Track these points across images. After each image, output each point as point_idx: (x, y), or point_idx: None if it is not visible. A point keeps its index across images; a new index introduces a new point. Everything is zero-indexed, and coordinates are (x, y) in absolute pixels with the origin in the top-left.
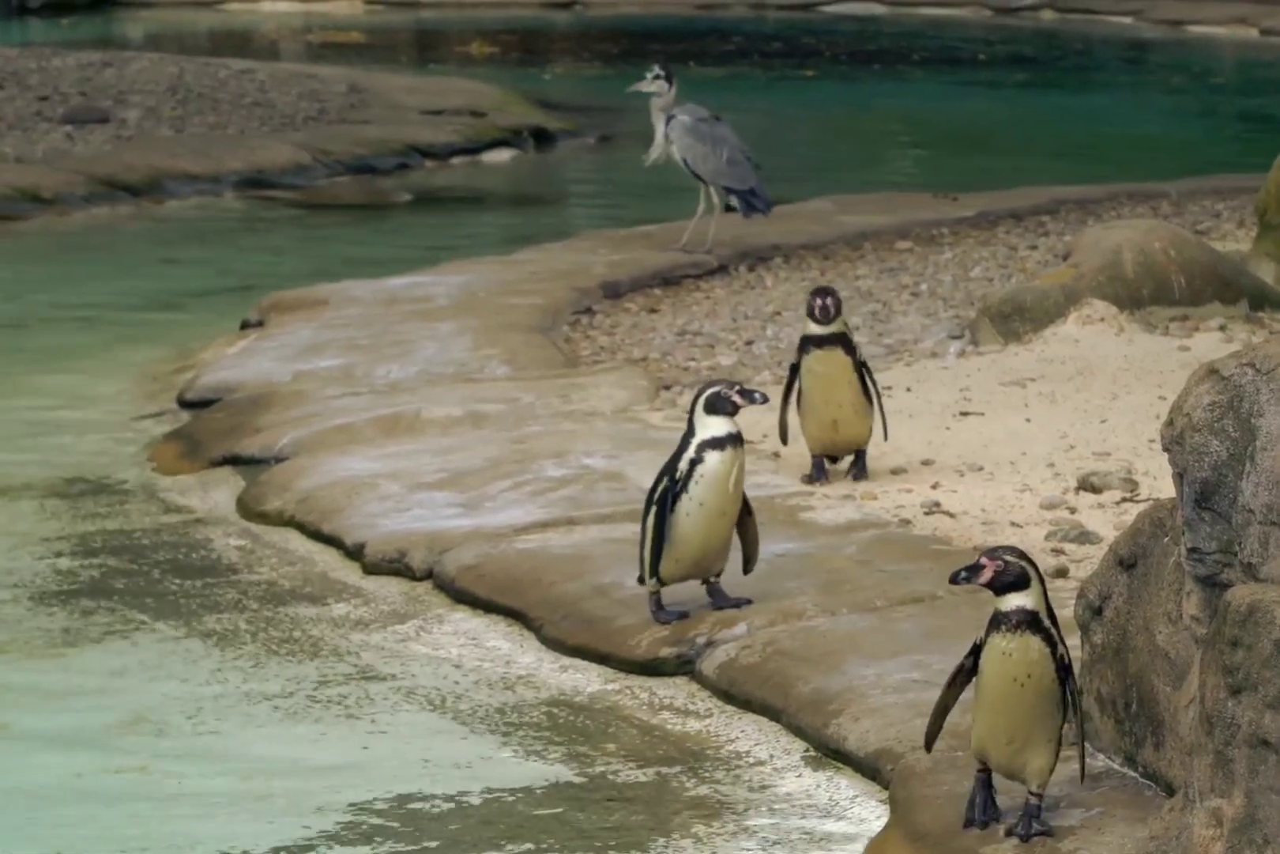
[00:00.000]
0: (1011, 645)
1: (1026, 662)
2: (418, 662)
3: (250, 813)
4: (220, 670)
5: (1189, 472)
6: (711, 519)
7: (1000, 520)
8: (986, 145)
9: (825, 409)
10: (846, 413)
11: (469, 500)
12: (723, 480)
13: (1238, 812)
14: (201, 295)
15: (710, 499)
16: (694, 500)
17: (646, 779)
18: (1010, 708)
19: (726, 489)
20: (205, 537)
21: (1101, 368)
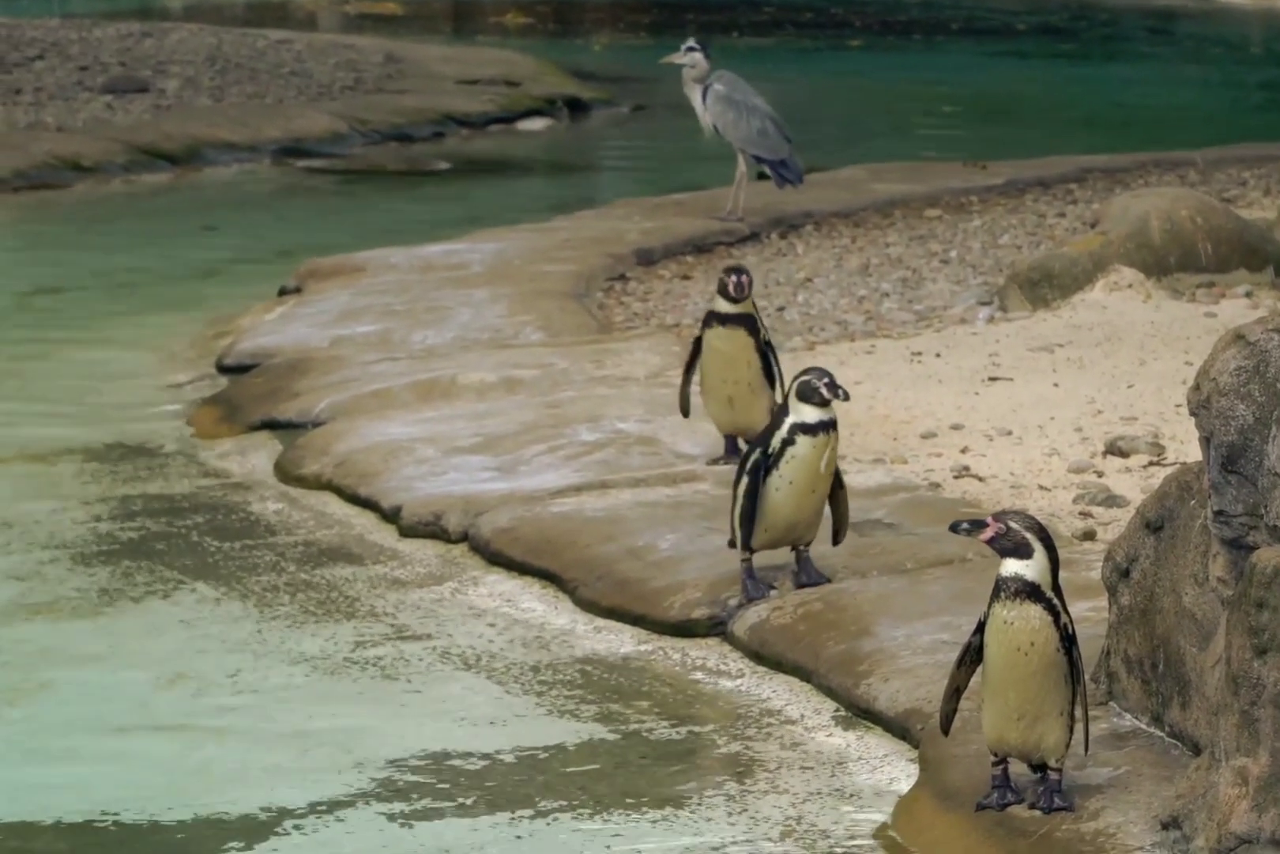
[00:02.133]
0: (1012, 614)
1: (1028, 630)
2: (453, 622)
3: (288, 770)
4: (259, 630)
5: (1215, 435)
6: (801, 496)
7: (1029, 484)
8: (1015, 115)
9: (722, 387)
10: (742, 391)
11: (504, 464)
12: (813, 463)
13: (1263, 770)
14: (239, 262)
15: (799, 479)
16: (784, 478)
17: (679, 737)
18: (1017, 680)
19: (817, 471)
20: (243, 500)
21: (1129, 334)
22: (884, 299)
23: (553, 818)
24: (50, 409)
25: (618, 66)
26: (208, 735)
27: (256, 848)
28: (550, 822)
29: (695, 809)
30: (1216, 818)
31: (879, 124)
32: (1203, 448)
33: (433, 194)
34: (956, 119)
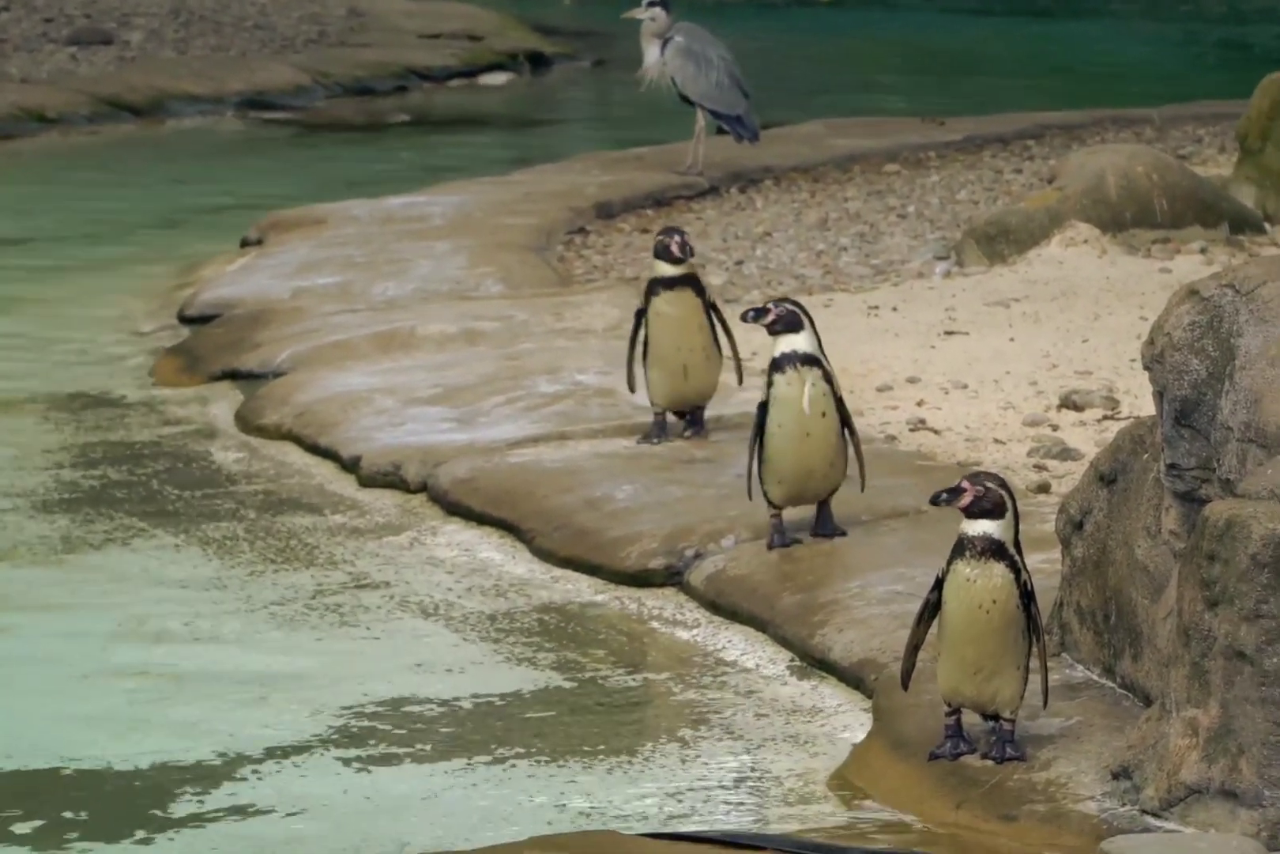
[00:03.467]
0: (975, 572)
1: (990, 587)
2: (411, 571)
3: (247, 716)
4: (218, 578)
5: (1169, 390)
6: (795, 441)
7: (984, 437)
8: (974, 71)
9: (675, 355)
10: (697, 358)
11: (463, 415)
12: (793, 403)
13: (1213, 722)
14: (202, 214)
15: (787, 422)
16: (774, 422)
17: (635, 685)
18: (977, 636)
19: (801, 411)
20: (204, 449)
21: (1084, 289)
22: (842, 253)
23: (509, 764)
24: (12, 358)
25: (581, 21)
26: (166, 682)
27: (214, 793)
28: (506, 768)
29: (650, 756)
30: (1166, 768)
31: (840, 80)
32: (1156, 402)
33: (394, 147)
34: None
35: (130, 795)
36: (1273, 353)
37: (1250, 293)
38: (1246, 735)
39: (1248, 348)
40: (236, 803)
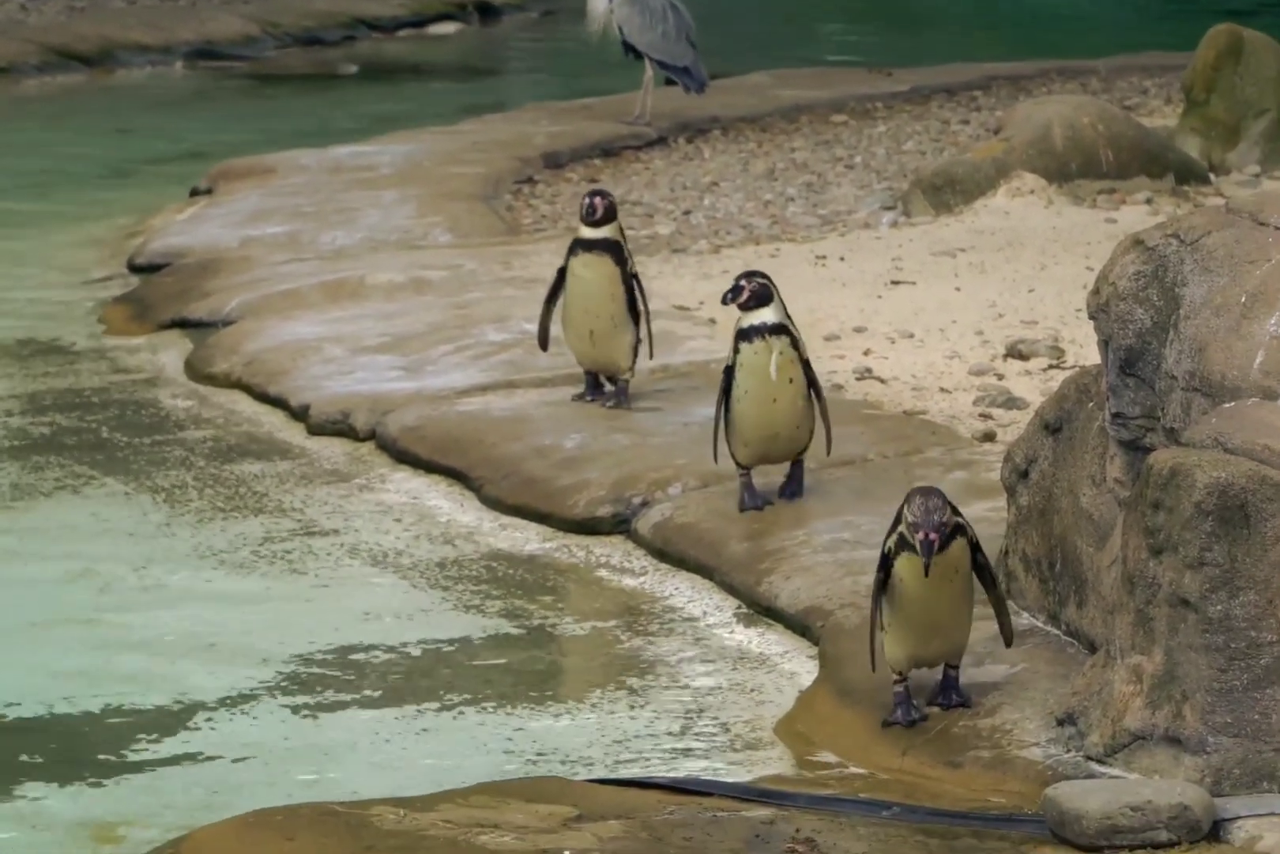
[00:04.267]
0: (936, 560)
1: (949, 565)
2: (360, 518)
3: (196, 663)
4: (168, 525)
5: (1114, 339)
6: (761, 405)
7: (929, 386)
8: (921, 22)
9: (583, 319)
10: (604, 326)
11: (411, 364)
12: (761, 370)
13: (1157, 668)
14: (152, 163)
15: (753, 388)
16: (740, 387)
17: (583, 633)
18: (939, 606)
19: (768, 378)
20: (154, 396)
21: (1030, 239)
22: (789, 203)
23: (457, 711)
24: None
25: None
26: (116, 629)
27: (165, 741)
28: (455, 715)
29: (598, 703)
30: (1111, 715)
31: (787, 30)
32: (1101, 351)
33: (343, 97)
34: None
35: (80, 742)
36: (1217, 302)
37: (1195, 243)
38: (1190, 682)
39: (1192, 297)
40: (186, 749)
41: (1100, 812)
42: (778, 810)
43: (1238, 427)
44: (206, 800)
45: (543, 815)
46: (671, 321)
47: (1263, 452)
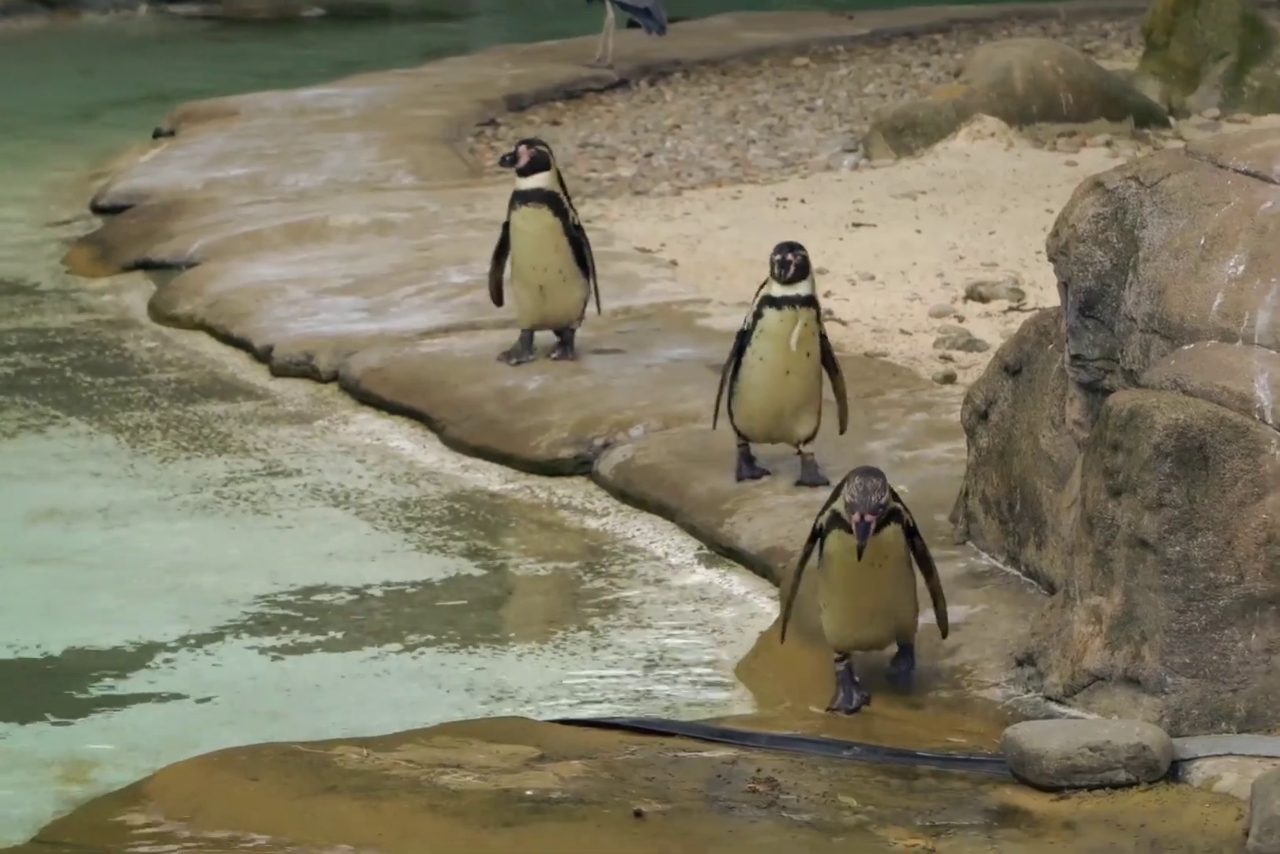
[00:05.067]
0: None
1: (879, 549)
2: (323, 459)
3: (160, 604)
4: (132, 466)
5: (1073, 281)
6: (774, 376)
7: (890, 328)
8: None
9: (531, 274)
10: (553, 279)
11: (374, 305)
12: (781, 340)
13: (1116, 609)
14: (116, 106)
15: (770, 355)
16: (755, 354)
17: (545, 573)
18: (871, 588)
19: (787, 348)
20: (117, 338)
21: (990, 181)
22: (750, 146)
23: (420, 652)
24: None
25: None
26: (79, 569)
27: (127, 680)
28: (417, 655)
29: (560, 644)
30: (1070, 655)
31: None
32: (1061, 293)
33: (306, 40)
34: None
35: (44, 680)
36: (1176, 245)
37: (1154, 185)
38: (1149, 623)
39: (1151, 240)
40: (150, 689)
41: (1059, 752)
42: (739, 751)
43: (1196, 369)
44: (170, 740)
45: (505, 755)
46: (633, 264)
47: (1221, 393)
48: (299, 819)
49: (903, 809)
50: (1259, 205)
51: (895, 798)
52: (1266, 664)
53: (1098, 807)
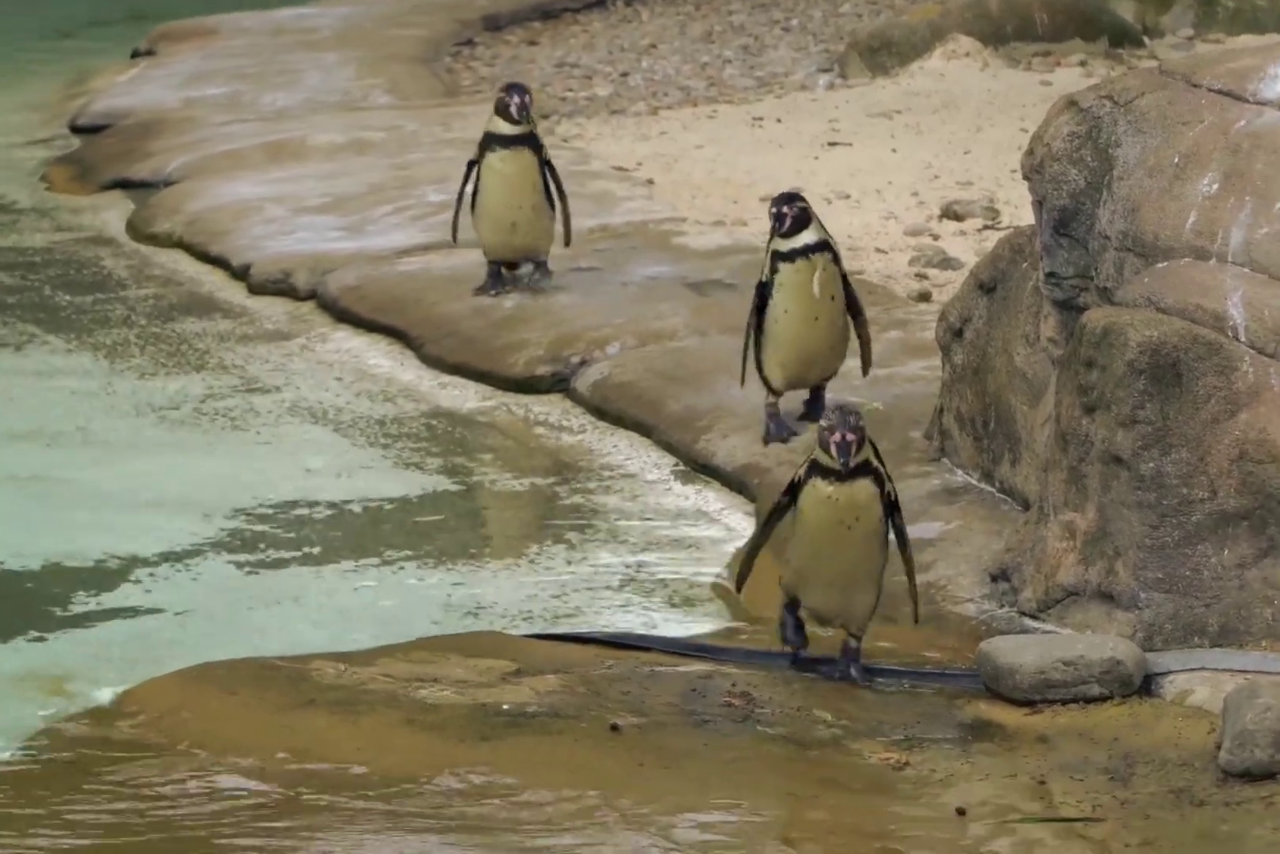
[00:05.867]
0: (838, 491)
1: (854, 506)
2: (301, 376)
3: (138, 520)
4: (110, 382)
5: (1048, 199)
6: (802, 324)
7: (866, 246)
8: None
9: (505, 211)
10: (526, 215)
11: (352, 224)
12: (803, 288)
13: (1090, 525)
14: (94, 26)
15: (794, 307)
16: (779, 307)
17: (521, 490)
18: (836, 553)
19: (810, 296)
20: (96, 256)
21: (965, 101)
22: (726, 65)
23: (397, 567)
24: None
25: None
26: (58, 486)
27: (106, 595)
28: (395, 571)
29: (536, 559)
30: (1044, 571)
31: None
32: (1035, 211)
33: None
34: None
35: (23, 596)
36: (1150, 163)
37: (1128, 104)
38: (1123, 539)
39: (1126, 158)
40: (128, 604)
41: (1034, 666)
42: (714, 665)
43: (1170, 286)
44: (149, 655)
45: (481, 670)
46: (610, 182)
47: (1195, 311)
48: (277, 733)
49: (877, 723)
50: (1232, 124)
51: (869, 712)
52: (1239, 579)
53: (1071, 721)
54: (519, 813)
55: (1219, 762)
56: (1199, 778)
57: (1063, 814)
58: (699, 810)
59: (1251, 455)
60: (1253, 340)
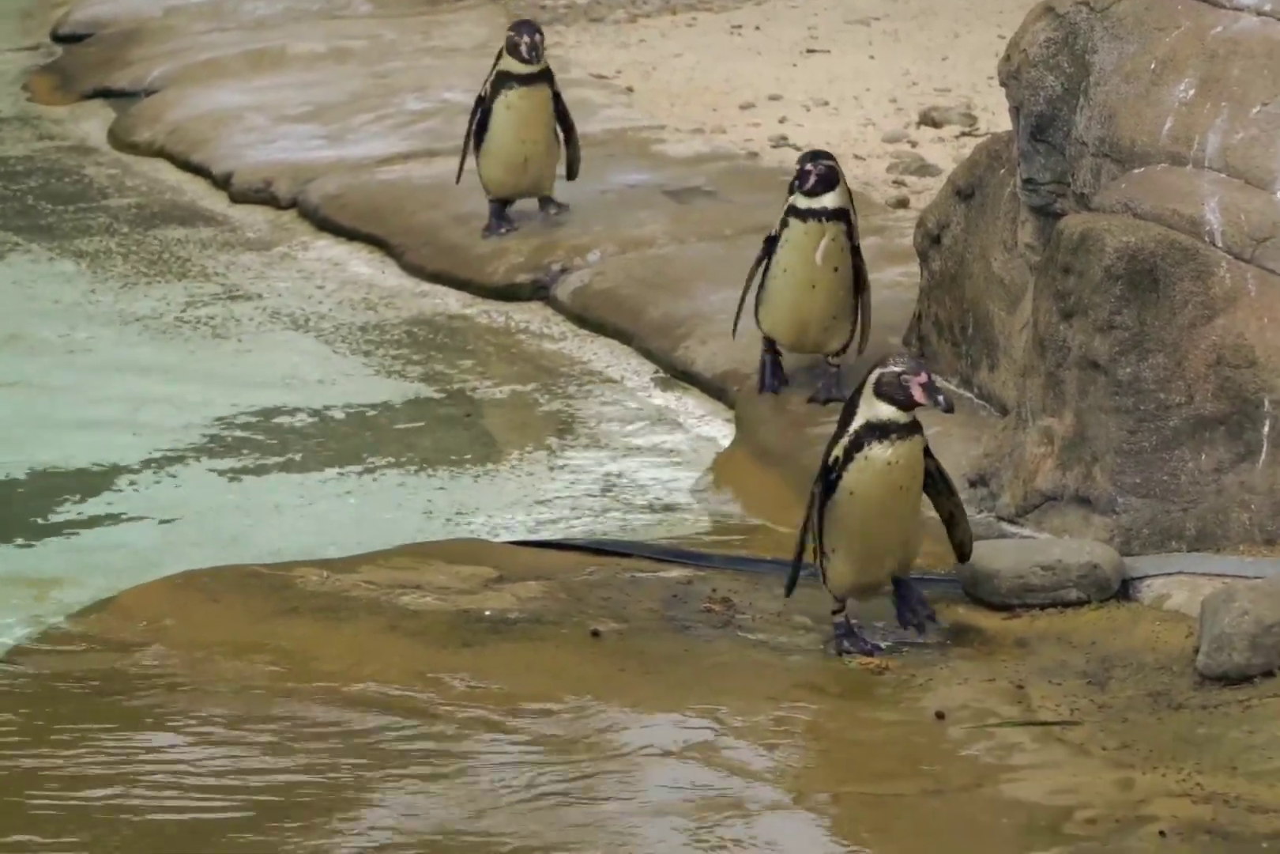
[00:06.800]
0: (894, 453)
1: (911, 463)
2: (282, 284)
3: (121, 428)
4: (93, 291)
5: (1025, 106)
6: (799, 289)
7: (844, 153)
8: None
9: (518, 147)
10: (539, 151)
11: (332, 132)
12: (806, 252)
13: (1068, 430)
14: None
15: (794, 268)
16: (779, 264)
17: (502, 396)
18: (893, 518)
19: (812, 262)
20: (77, 164)
21: (943, 7)
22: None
23: (379, 474)
24: None
25: None
26: (41, 393)
27: (90, 502)
28: (377, 477)
29: (517, 465)
30: (1022, 476)
31: None
32: (1013, 118)
33: None
34: None
35: (6, 504)
36: (1127, 69)
37: (1105, 10)
38: (1100, 444)
39: (1102, 64)
40: (112, 511)
41: (1012, 571)
42: (695, 571)
43: (1147, 192)
44: (133, 562)
45: (464, 576)
46: (588, 90)
47: (1171, 216)
48: (260, 640)
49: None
50: (1209, 30)
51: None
52: (1216, 484)
53: (1049, 625)
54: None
55: (1196, 665)
56: (1176, 682)
57: (1041, 718)
58: (679, 715)
59: (1228, 360)
60: (1229, 245)
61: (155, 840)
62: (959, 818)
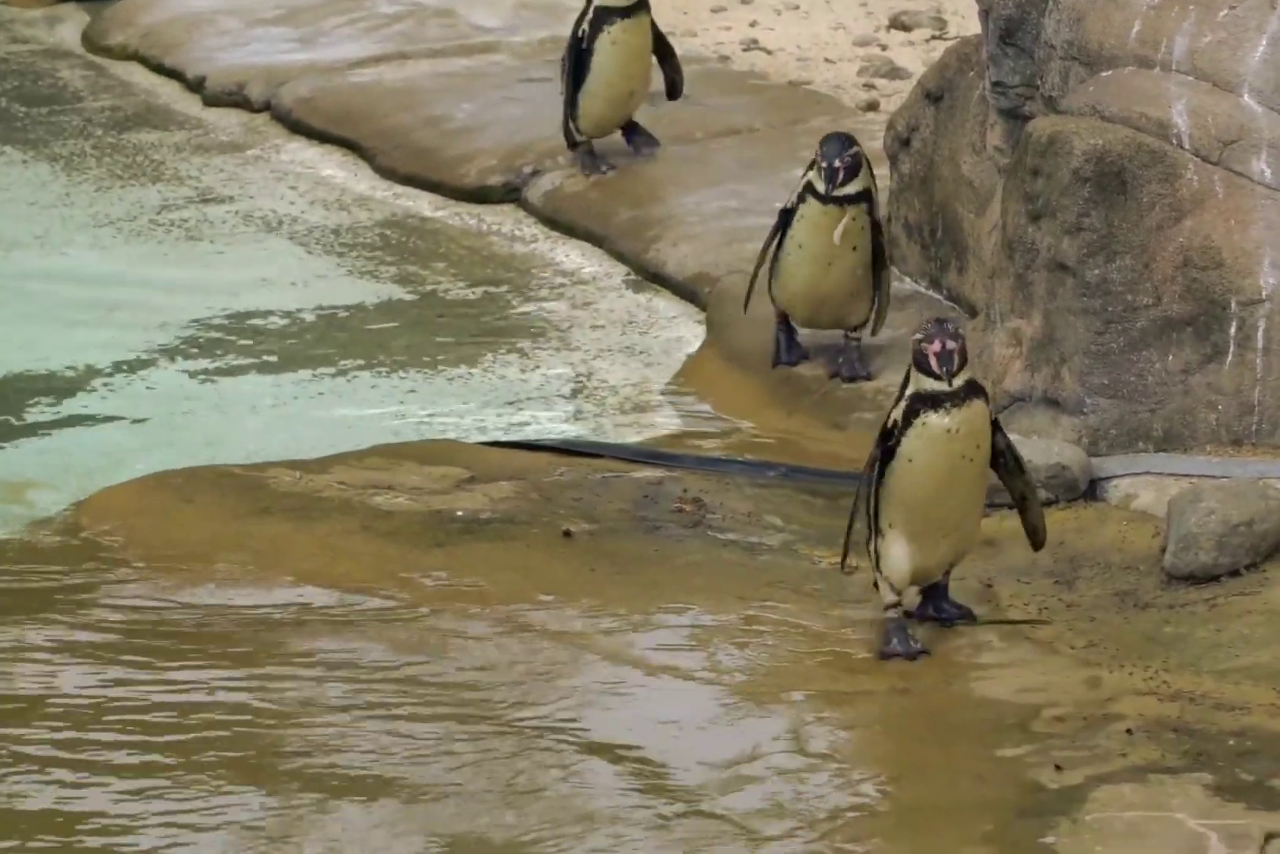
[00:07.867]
0: (955, 421)
1: (973, 433)
2: (256, 186)
3: (93, 330)
4: (67, 194)
5: (994, 9)
6: (815, 265)
7: (815, 57)
8: None
9: (625, 83)
10: (640, 84)
11: (305, 35)
12: (823, 231)
13: (1036, 332)
14: None
15: (810, 245)
16: (794, 240)
17: (474, 298)
18: (956, 490)
19: (829, 241)
20: (51, 67)
21: None
22: None
23: (352, 375)
24: None
25: None
26: (13, 296)
27: (63, 404)
28: (350, 379)
29: (489, 367)
30: (991, 377)
31: None
32: (982, 21)
33: None
34: None
35: None
36: None
37: None
38: (1068, 345)
39: None
40: (85, 412)
41: None
42: (666, 471)
43: (1115, 94)
44: (106, 463)
45: (436, 477)
46: None
47: (1139, 119)
48: (233, 540)
49: (826, 528)
50: None
51: (819, 518)
52: (1183, 385)
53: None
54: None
55: (1163, 565)
56: (1143, 581)
57: (1010, 617)
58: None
59: (1195, 262)
60: (1197, 148)
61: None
62: (928, 716)
